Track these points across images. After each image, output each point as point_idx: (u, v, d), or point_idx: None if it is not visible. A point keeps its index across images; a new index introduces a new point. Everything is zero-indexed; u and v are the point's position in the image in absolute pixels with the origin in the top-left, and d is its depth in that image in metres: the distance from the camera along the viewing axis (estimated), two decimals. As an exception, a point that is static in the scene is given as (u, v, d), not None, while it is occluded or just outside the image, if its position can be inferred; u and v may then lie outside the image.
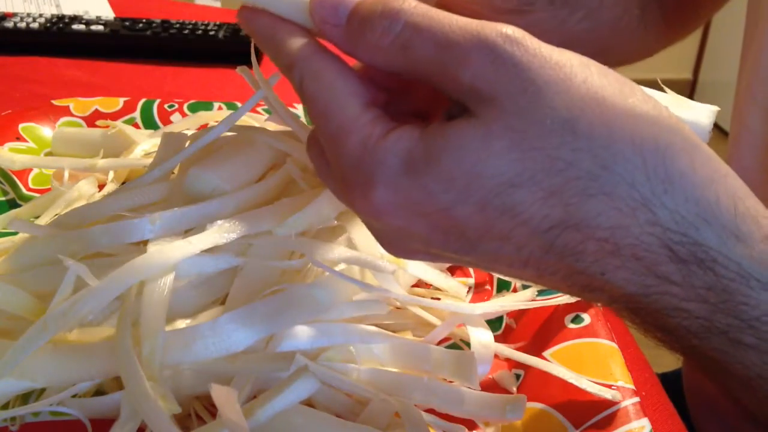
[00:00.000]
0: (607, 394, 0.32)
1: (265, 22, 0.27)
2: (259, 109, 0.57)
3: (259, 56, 0.32)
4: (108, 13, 0.86)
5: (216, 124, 0.41)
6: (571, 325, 0.37)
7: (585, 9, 0.43)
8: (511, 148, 0.22)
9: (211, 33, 0.75)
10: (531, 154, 0.22)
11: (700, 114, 0.28)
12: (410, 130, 0.24)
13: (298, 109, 0.58)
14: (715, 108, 0.28)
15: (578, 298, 0.26)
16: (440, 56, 0.23)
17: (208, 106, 0.57)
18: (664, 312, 0.24)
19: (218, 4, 1.40)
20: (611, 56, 0.24)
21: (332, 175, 0.26)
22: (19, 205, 0.47)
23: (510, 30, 0.22)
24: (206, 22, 0.78)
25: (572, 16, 0.43)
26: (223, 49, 0.74)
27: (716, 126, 0.27)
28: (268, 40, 0.27)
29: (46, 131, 0.54)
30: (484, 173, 0.22)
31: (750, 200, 0.24)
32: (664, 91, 0.28)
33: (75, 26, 0.75)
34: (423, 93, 0.29)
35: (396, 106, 0.28)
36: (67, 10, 0.86)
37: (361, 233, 0.36)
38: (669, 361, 0.65)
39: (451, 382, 0.35)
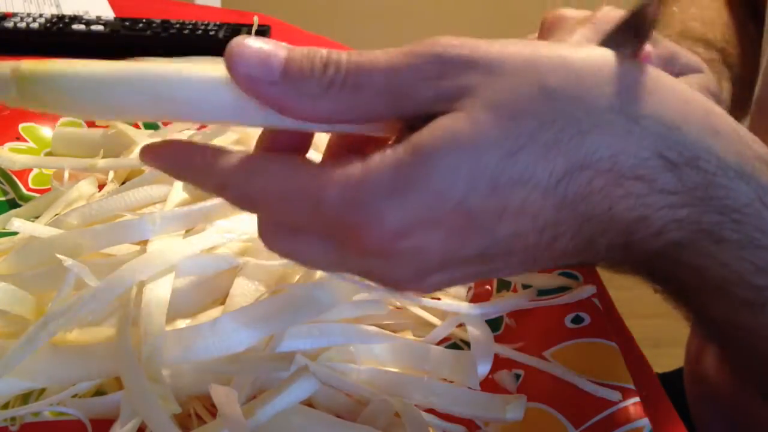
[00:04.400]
0: (607, 394, 0.32)
1: (174, 152, 0.25)
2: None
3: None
4: (108, 13, 0.86)
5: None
6: (571, 325, 0.37)
7: None
8: (499, 122, 0.23)
9: (211, 33, 0.75)
10: (519, 119, 0.23)
11: None
12: (385, 149, 0.23)
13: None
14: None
15: (576, 264, 0.27)
16: (393, 82, 0.23)
17: (208, 106, 0.57)
18: (658, 232, 0.25)
19: (218, 4, 1.40)
20: None
21: (322, 246, 0.25)
22: (19, 205, 0.47)
23: (443, 39, 0.24)
24: (206, 22, 0.77)
25: None
26: (223, 49, 0.74)
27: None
28: (185, 170, 0.25)
29: (46, 131, 0.54)
30: (484, 152, 0.23)
31: (710, 102, 0.26)
32: None
33: (75, 26, 0.75)
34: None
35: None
36: (67, 10, 0.86)
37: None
38: (669, 361, 0.65)
39: (451, 382, 0.35)
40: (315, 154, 0.28)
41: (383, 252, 0.24)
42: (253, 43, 0.24)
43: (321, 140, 0.29)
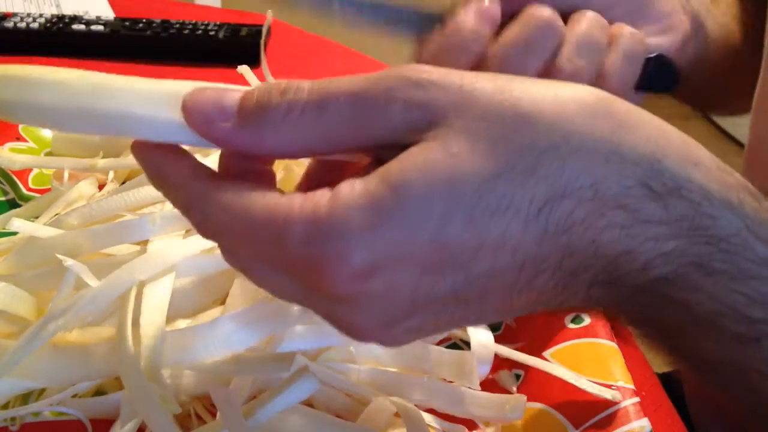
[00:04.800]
0: (607, 394, 0.32)
1: (156, 158, 0.24)
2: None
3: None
4: (108, 13, 0.86)
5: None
6: (571, 325, 0.37)
7: None
8: (474, 149, 0.22)
9: (211, 33, 0.75)
10: (495, 146, 0.22)
11: None
12: (354, 181, 0.22)
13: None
14: None
15: (554, 308, 0.26)
16: (359, 105, 0.22)
17: (208, 106, 0.57)
18: (643, 267, 0.24)
19: (218, 4, 1.40)
20: None
21: (290, 286, 0.24)
22: (19, 205, 0.47)
23: (413, 65, 0.23)
24: (206, 22, 0.78)
25: None
26: (223, 49, 0.74)
27: (730, 136, 0.28)
28: (159, 180, 0.25)
29: (46, 131, 0.54)
30: (458, 183, 0.21)
31: (685, 135, 0.25)
32: None
33: (75, 26, 0.75)
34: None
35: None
36: (67, 10, 0.86)
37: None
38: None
39: (451, 382, 0.35)
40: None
41: (348, 294, 0.22)
42: (208, 88, 0.23)
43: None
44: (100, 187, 0.48)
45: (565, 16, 0.36)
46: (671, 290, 0.24)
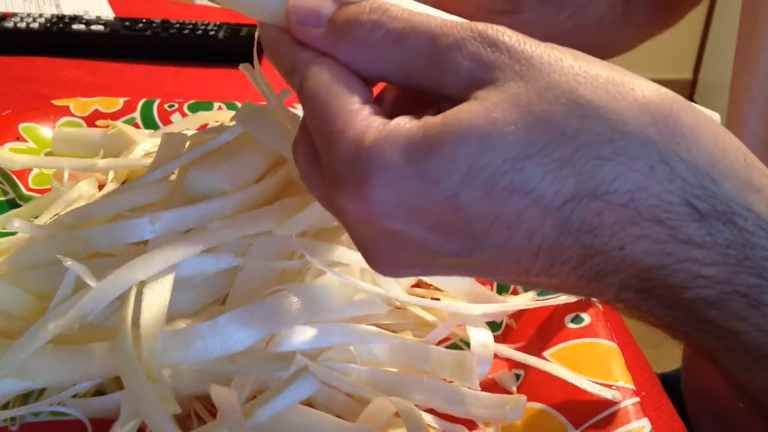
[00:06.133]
0: (607, 394, 0.32)
1: (271, 31, 0.27)
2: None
3: (260, 56, 0.33)
4: (108, 13, 0.86)
5: (216, 124, 0.41)
6: (571, 325, 0.37)
7: (572, 7, 0.43)
8: (515, 121, 0.21)
9: (211, 33, 0.75)
10: (537, 125, 0.21)
11: None
12: (409, 120, 0.23)
13: (298, 110, 0.58)
14: (717, 115, 0.28)
15: (582, 297, 0.24)
16: (435, 47, 0.23)
17: (208, 106, 0.57)
18: (682, 284, 0.23)
19: (218, 5, 1.40)
20: (592, 52, 0.24)
21: (322, 179, 0.25)
22: (19, 205, 0.47)
23: (497, 25, 0.23)
24: (206, 22, 0.78)
25: (559, 15, 0.43)
26: (223, 49, 0.75)
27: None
28: (271, 46, 0.27)
29: (46, 131, 0.55)
30: (489, 149, 0.21)
31: (751, 154, 0.23)
32: None
33: (75, 26, 0.75)
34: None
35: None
36: (67, 10, 0.86)
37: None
38: (669, 361, 0.65)
39: (451, 382, 0.35)
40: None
41: (357, 224, 0.24)
42: None
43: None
44: (100, 187, 0.48)
45: None
46: (712, 315, 0.23)
